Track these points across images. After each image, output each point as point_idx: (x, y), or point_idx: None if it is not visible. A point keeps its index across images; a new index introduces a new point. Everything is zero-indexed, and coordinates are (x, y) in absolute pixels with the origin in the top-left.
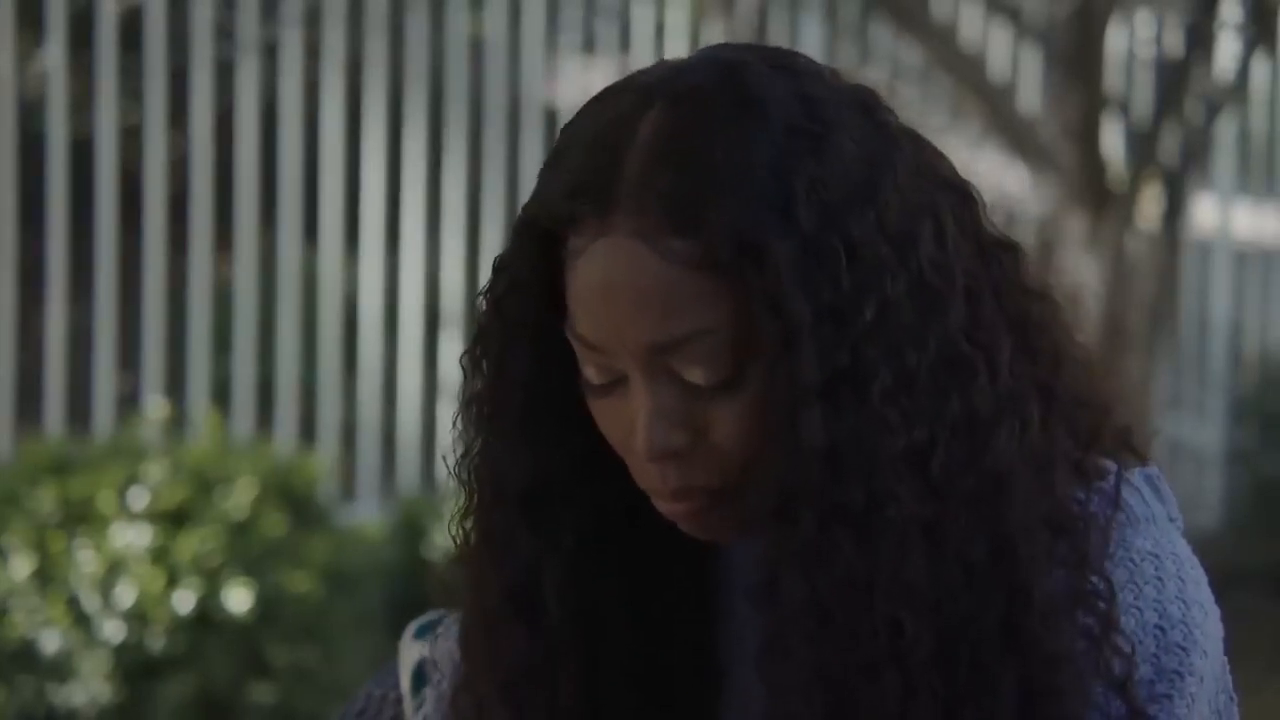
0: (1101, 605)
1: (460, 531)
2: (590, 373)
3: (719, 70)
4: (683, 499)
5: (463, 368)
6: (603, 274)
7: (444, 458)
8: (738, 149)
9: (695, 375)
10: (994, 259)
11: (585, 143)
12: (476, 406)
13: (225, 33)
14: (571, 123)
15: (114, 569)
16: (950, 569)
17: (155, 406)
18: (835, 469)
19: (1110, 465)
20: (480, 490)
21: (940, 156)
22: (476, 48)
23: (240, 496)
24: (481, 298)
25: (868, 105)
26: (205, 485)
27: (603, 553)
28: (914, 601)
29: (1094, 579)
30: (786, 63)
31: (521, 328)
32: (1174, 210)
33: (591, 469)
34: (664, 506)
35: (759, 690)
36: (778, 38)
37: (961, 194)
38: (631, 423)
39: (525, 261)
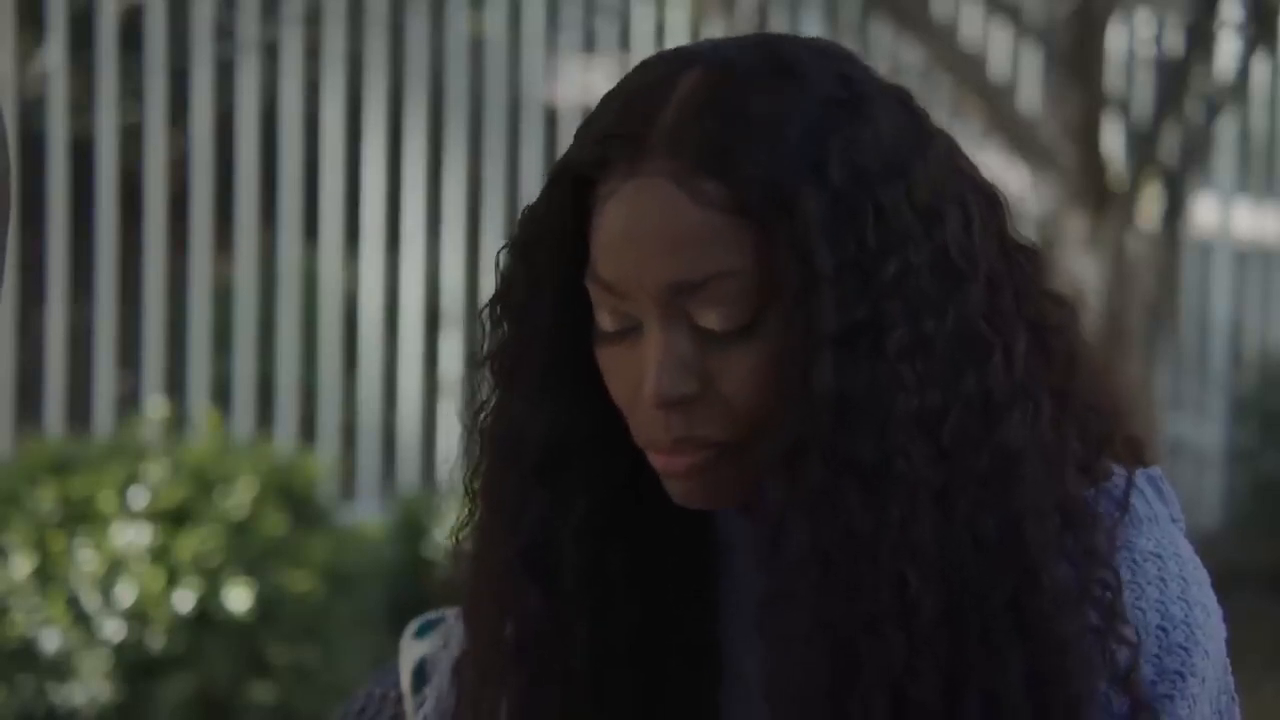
0: (1108, 598)
1: (471, 492)
2: (604, 318)
3: (761, 44)
4: (682, 451)
5: (481, 321)
6: (631, 212)
7: (458, 414)
8: (775, 107)
9: (711, 320)
10: (1016, 261)
11: (622, 98)
12: (496, 361)
13: (225, 33)
14: (612, 91)
15: (114, 568)
16: (958, 539)
17: (155, 406)
18: (846, 419)
19: (1117, 467)
20: (495, 448)
21: (969, 161)
22: (476, 48)
23: (240, 496)
24: (504, 250)
25: (903, 99)
26: (205, 485)
27: (611, 518)
28: (919, 561)
29: (1102, 571)
30: (829, 49)
31: (547, 277)
32: (1174, 210)
33: (607, 431)
34: (661, 462)
35: (757, 653)
36: None
37: (988, 195)
38: (640, 372)
39: (554, 211)
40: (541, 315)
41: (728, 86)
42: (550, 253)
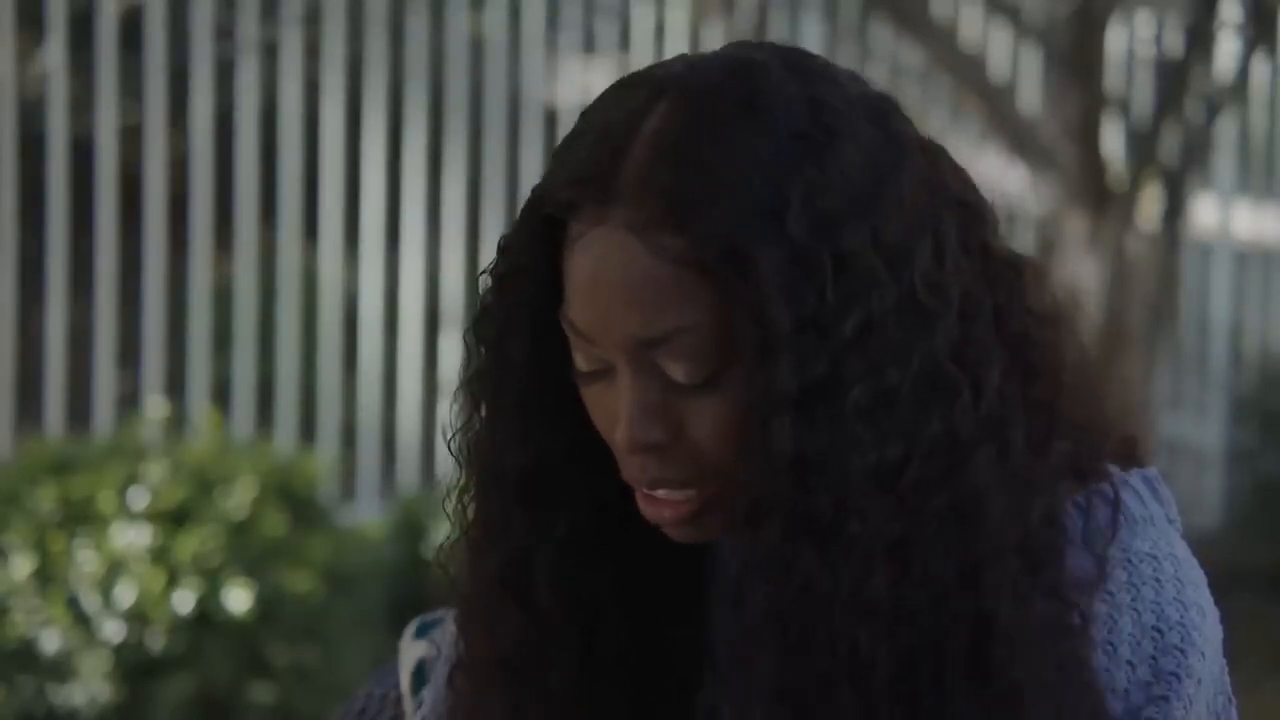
0: (1076, 635)
1: (458, 509)
2: (580, 360)
3: (732, 69)
4: (659, 488)
5: (465, 345)
6: (595, 264)
7: (443, 432)
8: (738, 150)
9: (677, 372)
10: (999, 278)
11: (595, 131)
12: (476, 385)
13: (225, 33)
14: (589, 110)
15: (114, 569)
16: (914, 590)
17: (155, 406)
18: (803, 480)
19: (1109, 469)
20: (477, 470)
21: (955, 171)
22: (476, 48)
23: (240, 496)
24: (484, 276)
25: (883, 114)
26: (205, 485)
27: (595, 539)
28: (873, 619)
29: (1067, 611)
30: (804, 65)
31: (522, 308)
32: (1174, 210)
33: (587, 454)
34: (647, 510)
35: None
36: (778, 38)
37: (970, 210)
38: (616, 412)
39: (527, 243)
40: (518, 344)
41: (693, 128)
42: (526, 284)
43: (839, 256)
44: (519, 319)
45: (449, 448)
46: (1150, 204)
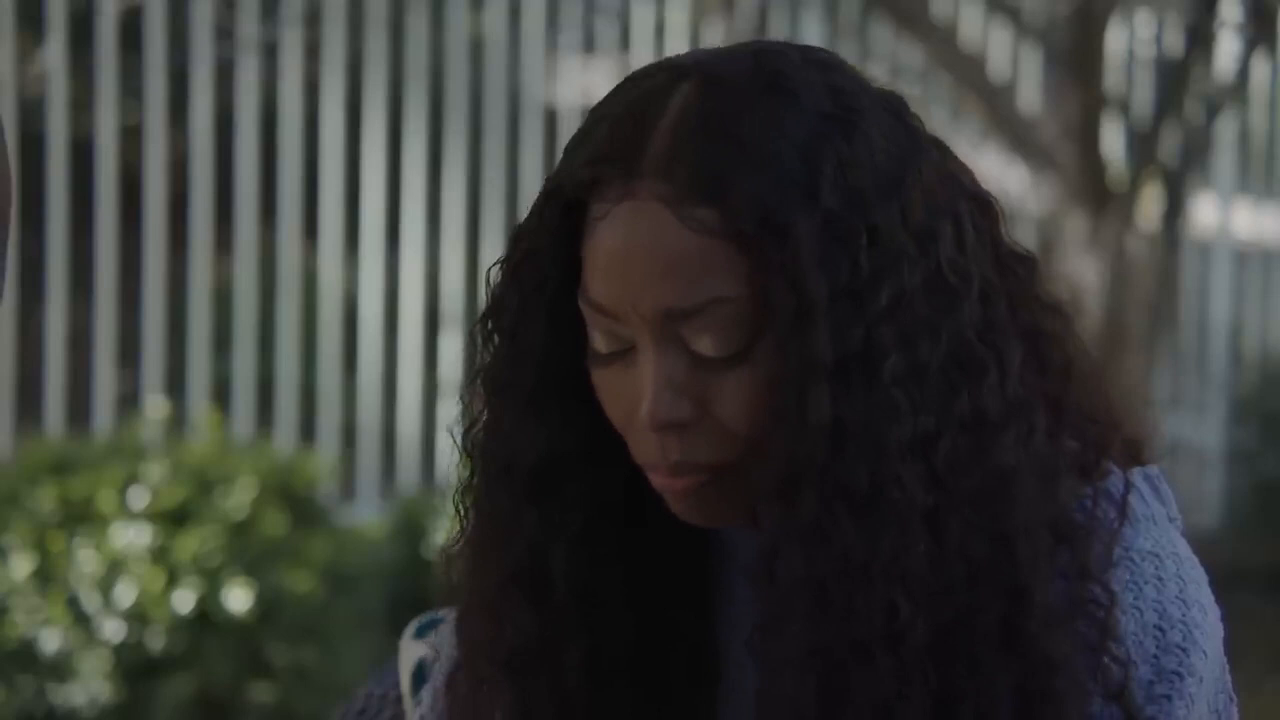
0: (1100, 615)
1: (463, 508)
2: (598, 340)
3: (752, 56)
4: (681, 474)
5: (473, 338)
6: (624, 237)
7: (449, 430)
8: (768, 126)
9: (705, 345)
10: (1010, 270)
11: (614, 115)
12: (487, 378)
13: (225, 33)
14: (602, 101)
15: (114, 569)
16: (949, 561)
17: (155, 406)
18: (841, 448)
19: (1114, 468)
20: (486, 466)
21: (964, 167)
22: (476, 48)
23: (240, 496)
24: (495, 268)
25: (896, 108)
26: (205, 485)
27: (606, 535)
28: (910, 586)
29: (1094, 588)
30: (819, 57)
31: (538, 296)
32: (1174, 210)
33: (599, 448)
34: (659, 481)
35: (753, 673)
36: (778, 37)
37: (982, 204)
38: (635, 394)
39: (546, 230)
40: (533, 334)
41: (719, 105)
42: (542, 272)
43: (871, 230)
44: (534, 306)
45: (455, 443)
46: (1150, 204)
